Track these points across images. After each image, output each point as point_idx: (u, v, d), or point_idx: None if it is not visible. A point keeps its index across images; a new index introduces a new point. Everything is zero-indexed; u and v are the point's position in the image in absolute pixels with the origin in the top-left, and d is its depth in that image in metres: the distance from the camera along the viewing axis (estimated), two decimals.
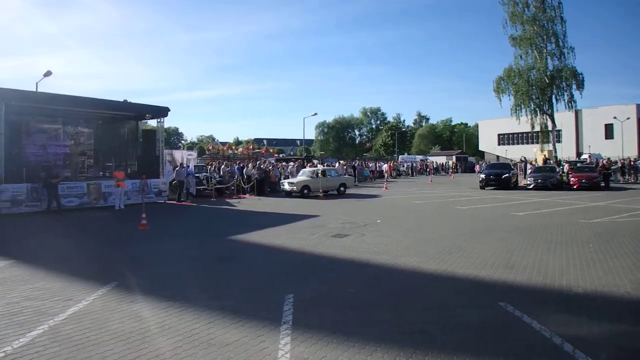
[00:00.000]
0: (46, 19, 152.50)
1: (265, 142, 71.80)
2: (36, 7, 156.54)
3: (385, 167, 50.55)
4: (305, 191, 27.83)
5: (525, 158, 46.55)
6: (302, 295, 7.67)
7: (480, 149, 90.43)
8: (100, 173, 27.60)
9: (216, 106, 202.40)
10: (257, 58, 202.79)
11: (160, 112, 27.14)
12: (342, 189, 29.87)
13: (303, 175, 29.85)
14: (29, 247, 12.72)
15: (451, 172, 65.07)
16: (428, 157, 77.58)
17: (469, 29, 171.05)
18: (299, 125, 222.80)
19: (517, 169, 40.04)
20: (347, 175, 34.96)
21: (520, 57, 45.27)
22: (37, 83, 30.74)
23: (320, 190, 28.02)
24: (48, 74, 29.99)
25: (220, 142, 68.78)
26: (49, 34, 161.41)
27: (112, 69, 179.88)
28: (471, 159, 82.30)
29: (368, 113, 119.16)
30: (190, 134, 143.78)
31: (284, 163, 40.34)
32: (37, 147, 25.44)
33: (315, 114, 67.71)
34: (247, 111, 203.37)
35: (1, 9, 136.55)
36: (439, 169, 67.95)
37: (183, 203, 25.31)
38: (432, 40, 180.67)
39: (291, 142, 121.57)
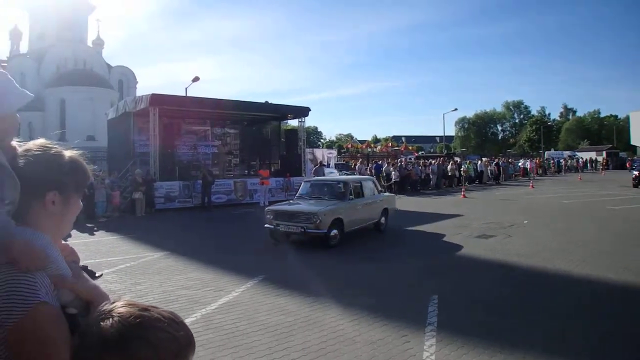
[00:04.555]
0: (191, 27, 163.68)
1: (403, 139, 71.42)
2: (183, 16, 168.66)
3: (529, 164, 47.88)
4: (334, 232, 12.04)
5: None
6: (447, 297, 7.46)
7: (632, 143, 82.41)
8: (246, 171, 28.98)
9: (353, 104, 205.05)
10: (392, 54, 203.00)
11: (301, 112, 27.93)
12: (382, 219, 14.48)
13: (318, 199, 13.45)
14: (182, 239, 13.57)
15: (601, 168, 60.15)
16: (576, 153, 72.42)
17: (616, 13, 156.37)
18: (438, 121, 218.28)
19: None
20: (386, 193, 17.93)
21: None
22: (186, 88, 33.02)
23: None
24: (196, 79, 31.99)
25: (358, 140, 69.23)
26: (197, 40, 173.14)
27: (253, 72, 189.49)
28: (622, 154, 75.48)
29: (510, 107, 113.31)
30: (329, 133, 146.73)
31: (424, 160, 39.73)
32: (188, 147, 27.36)
33: (456, 109, 66.11)
34: (384, 108, 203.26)
35: (152, 19, 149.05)
36: (587, 166, 63.20)
37: None
38: (576, 27, 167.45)
39: (430, 139, 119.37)
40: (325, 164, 28.22)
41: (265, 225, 12.69)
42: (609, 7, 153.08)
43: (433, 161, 36.54)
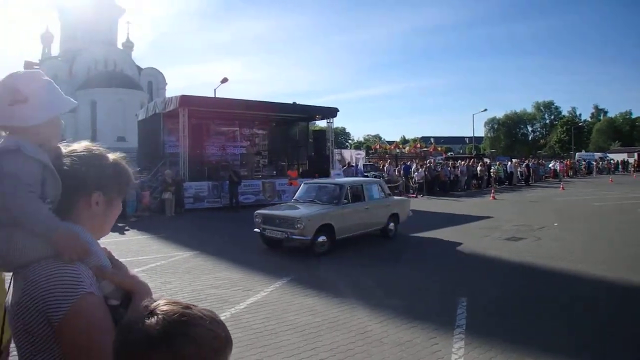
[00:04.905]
0: (219, 29, 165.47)
1: (432, 140, 70.71)
2: (211, 18, 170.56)
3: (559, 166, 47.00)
4: (322, 239, 11.31)
5: None
6: (476, 300, 7.39)
7: None
8: (274, 172, 29.09)
9: (381, 104, 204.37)
10: (421, 53, 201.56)
11: (330, 112, 27.96)
12: (391, 225, 13.52)
13: (311, 201, 12.71)
14: (211, 239, 13.74)
15: (632, 170, 58.63)
16: (607, 155, 70.77)
17: None
18: (468, 121, 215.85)
19: None
20: (399, 197, 17.49)
21: None
22: (215, 89, 33.17)
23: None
24: (224, 80, 32.18)
25: (386, 141, 68.91)
26: (223, 42, 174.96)
27: (280, 73, 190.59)
28: None
29: (541, 107, 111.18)
30: (357, 134, 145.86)
31: (453, 161, 39.35)
32: (217, 147, 27.62)
33: (485, 109, 65.55)
34: (412, 108, 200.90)
35: (181, 21, 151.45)
36: (619, 167, 61.68)
37: None
38: (608, 27, 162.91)
39: (460, 140, 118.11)
40: (353, 164, 28.11)
41: (254, 230, 12.24)
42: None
43: (462, 162, 36.24)
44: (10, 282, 1.52)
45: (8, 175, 1.38)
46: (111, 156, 1.62)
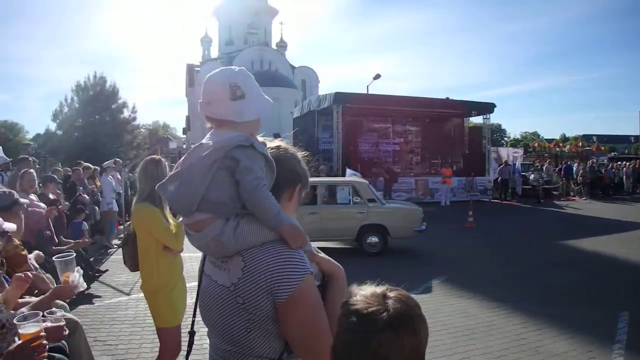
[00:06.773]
0: (372, 25, 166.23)
1: (594, 138, 65.86)
2: (363, 14, 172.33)
3: None
4: None
5: None
6: (639, 314, 6.93)
7: None
8: (427, 170, 28.96)
9: (539, 100, 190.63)
10: (581, 44, 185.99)
11: (486, 108, 27.24)
12: (371, 239, 11.20)
13: None
14: None
15: None
16: None
17: None
18: (633, 118, 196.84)
19: None
20: (397, 205, 13.43)
21: None
22: (367, 86, 33.51)
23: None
24: (377, 77, 32.40)
25: (545, 139, 65.04)
26: (376, 38, 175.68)
27: (433, 67, 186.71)
28: None
29: None
30: (513, 130, 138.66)
31: (618, 162, 36.36)
32: (370, 144, 28.06)
33: None
34: (574, 104, 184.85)
35: (333, 19, 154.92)
36: None
37: (508, 202, 25.00)
38: None
39: (624, 139, 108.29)
40: (510, 163, 27.09)
41: None
42: None
43: (627, 163, 33.48)
44: (203, 264, 1.79)
45: (246, 169, 1.54)
46: (299, 154, 1.83)
